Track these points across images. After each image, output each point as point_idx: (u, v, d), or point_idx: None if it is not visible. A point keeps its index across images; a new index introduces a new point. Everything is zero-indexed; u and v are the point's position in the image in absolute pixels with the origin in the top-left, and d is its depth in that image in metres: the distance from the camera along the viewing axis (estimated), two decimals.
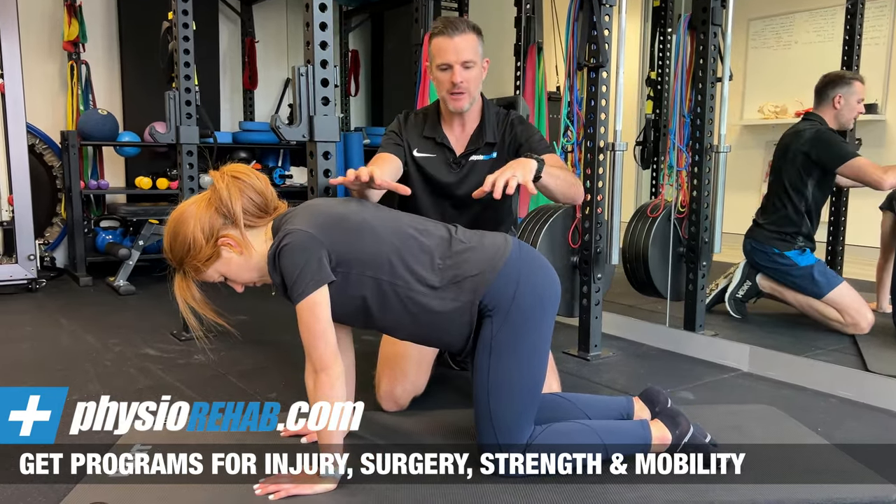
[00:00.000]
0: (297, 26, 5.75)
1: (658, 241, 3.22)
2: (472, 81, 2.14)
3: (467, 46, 2.10)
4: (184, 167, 3.04)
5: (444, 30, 2.10)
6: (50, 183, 4.80)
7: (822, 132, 3.06)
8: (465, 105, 2.17)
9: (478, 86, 2.18)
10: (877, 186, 2.94)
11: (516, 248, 1.68)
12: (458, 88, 2.13)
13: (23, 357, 2.80)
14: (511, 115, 2.27)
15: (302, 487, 1.57)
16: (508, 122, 2.25)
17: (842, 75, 3.16)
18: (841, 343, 2.96)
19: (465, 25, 2.11)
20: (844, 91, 3.10)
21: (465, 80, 2.12)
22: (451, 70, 2.11)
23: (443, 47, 2.11)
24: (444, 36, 2.10)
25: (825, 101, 3.14)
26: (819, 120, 3.14)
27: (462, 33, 2.09)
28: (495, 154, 2.24)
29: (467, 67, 2.12)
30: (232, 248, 1.61)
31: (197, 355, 2.81)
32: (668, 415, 1.78)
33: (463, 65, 2.11)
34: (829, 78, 3.16)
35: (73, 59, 4.67)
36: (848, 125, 3.21)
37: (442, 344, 1.72)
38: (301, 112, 2.13)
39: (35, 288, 4.14)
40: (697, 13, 3.00)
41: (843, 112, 3.13)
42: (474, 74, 2.14)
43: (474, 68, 2.13)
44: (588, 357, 2.84)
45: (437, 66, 2.14)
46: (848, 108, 3.12)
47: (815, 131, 3.07)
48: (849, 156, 2.98)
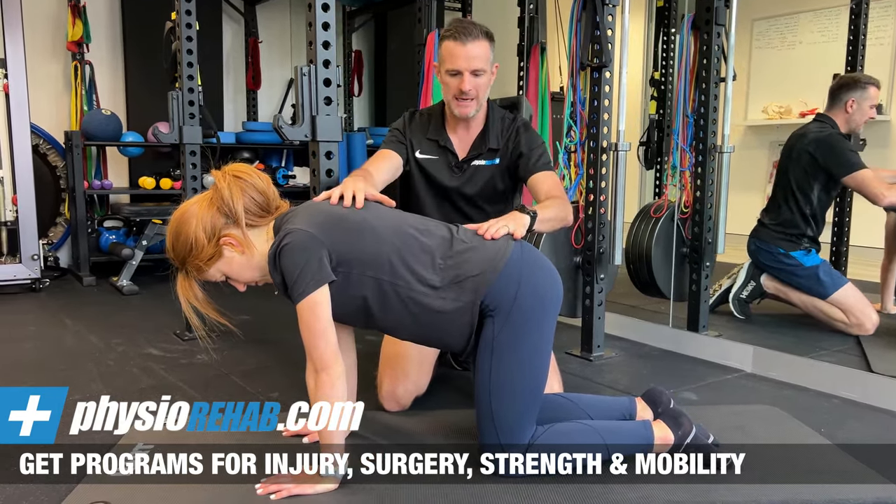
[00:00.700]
0: (301, 27, 5.74)
1: (661, 241, 3.21)
2: (481, 89, 2.13)
3: (479, 54, 2.07)
4: (187, 167, 3.05)
5: (456, 34, 2.06)
6: (54, 183, 4.81)
7: (830, 136, 3.04)
8: (472, 112, 2.16)
9: (486, 93, 2.17)
10: (874, 201, 2.95)
11: (518, 249, 1.68)
12: (466, 96, 2.11)
13: (26, 357, 2.81)
14: (518, 122, 2.26)
15: (303, 487, 1.57)
16: (514, 128, 2.24)
17: (857, 79, 3.13)
18: (845, 344, 2.95)
19: (479, 31, 2.08)
20: (858, 96, 3.09)
21: (473, 88, 2.10)
22: (461, 77, 2.09)
23: (454, 53, 2.08)
24: (456, 41, 2.07)
25: (838, 104, 3.13)
26: (830, 122, 3.12)
27: (475, 40, 2.06)
28: (497, 160, 2.23)
29: (477, 75, 2.10)
30: (234, 247, 1.61)
31: (200, 355, 2.81)
32: (671, 415, 1.77)
33: (473, 73, 2.09)
34: (844, 81, 3.14)
35: (77, 60, 4.68)
36: (858, 129, 3.20)
37: (443, 344, 1.71)
38: (303, 112, 2.13)
39: (38, 288, 4.15)
40: (701, 13, 3.00)
41: (855, 116, 3.12)
42: (483, 82, 2.12)
43: (483, 76, 2.12)
44: (591, 357, 2.83)
45: (447, 70, 2.11)
46: (860, 112, 3.11)
47: (824, 134, 3.05)
48: (855, 167, 2.97)
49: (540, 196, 2.11)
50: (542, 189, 2.11)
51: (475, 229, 1.73)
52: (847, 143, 3.07)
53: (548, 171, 2.17)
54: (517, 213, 1.81)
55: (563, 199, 2.07)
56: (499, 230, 1.70)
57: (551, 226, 1.95)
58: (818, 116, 3.20)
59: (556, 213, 1.96)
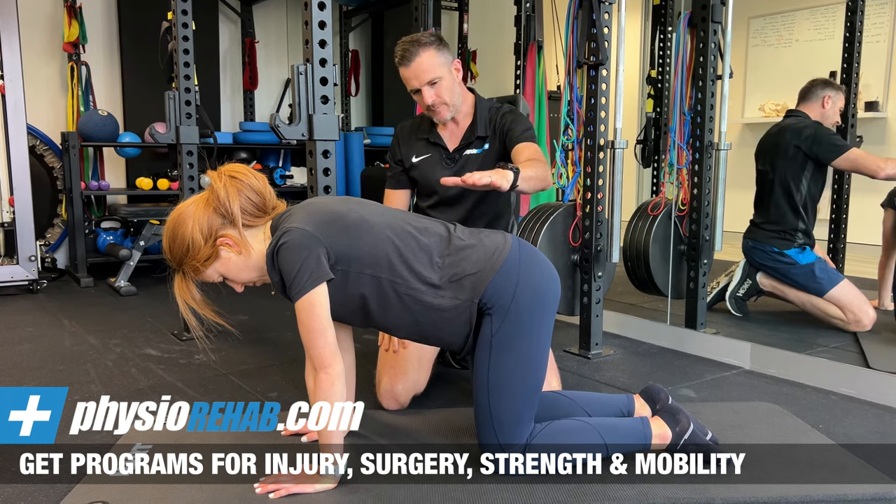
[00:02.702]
0: (298, 26, 5.75)
1: (659, 239, 3.22)
2: (445, 92, 2.21)
3: (426, 67, 2.16)
4: (184, 167, 3.05)
5: (401, 60, 2.17)
6: (51, 184, 4.81)
7: (811, 126, 3.07)
8: (447, 115, 2.25)
9: (453, 92, 2.23)
10: (873, 175, 2.95)
11: (516, 247, 1.68)
12: (433, 107, 2.21)
13: (24, 358, 2.80)
14: (503, 108, 2.32)
15: (302, 486, 1.57)
16: (500, 113, 2.30)
17: (831, 80, 3.20)
18: (842, 340, 2.96)
19: (418, 46, 2.15)
20: (834, 94, 3.12)
21: (436, 97, 2.19)
22: (420, 93, 2.19)
23: (405, 76, 2.20)
24: (402, 66, 2.18)
25: (813, 99, 3.15)
26: (804, 116, 3.14)
27: (416, 57, 2.15)
28: (487, 146, 2.29)
29: (433, 84, 2.18)
30: (230, 247, 1.61)
31: (198, 355, 2.81)
32: (669, 412, 1.77)
33: (429, 84, 2.17)
34: (818, 80, 3.19)
35: (74, 61, 4.68)
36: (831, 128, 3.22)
37: (442, 343, 1.71)
38: (300, 111, 2.13)
39: (36, 289, 4.15)
40: (697, 11, 3.00)
41: (829, 113, 3.15)
42: (444, 86, 2.20)
43: (441, 81, 2.19)
44: (589, 355, 2.83)
45: (410, 91, 2.22)
46: (833, 110, 3.15)
47: (808, 125, 3.07)
48: (843, 148, 2.99)
49: (520, 160, 2.13)
50: (523, 154, 2.15)
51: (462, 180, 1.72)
52: (830, 130, 3.09)
53: (531, 142, 2.20)
54: (501, 169, 1.82)
55: (543, 162, 2.11)
56: (482, 178, 1.70)
57: (532, 185, 1.96)
58: (791, 112, 3.22)
59: (538, 172, 1.99)
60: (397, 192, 2.40)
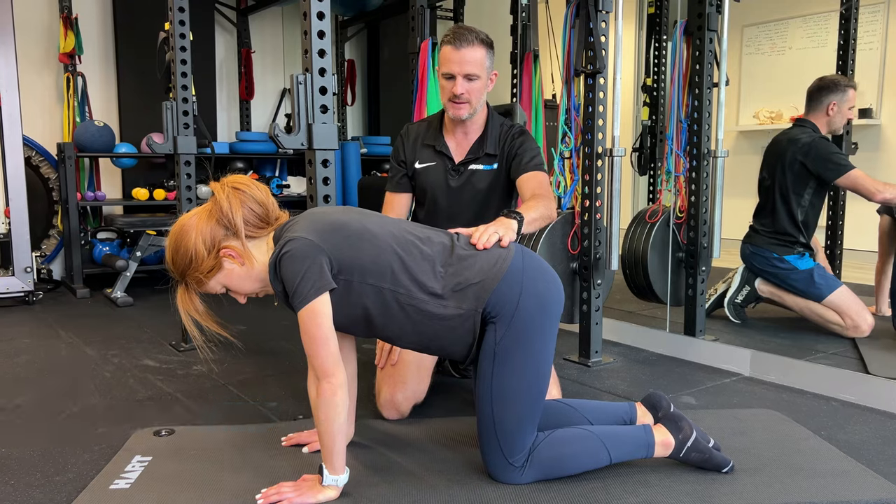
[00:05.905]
0: (294, 37, 5.77)
1: (657, 246, 3.23)
2: (475, 93, 2.18)
3: (473, 59, 2.12)
4: (181, 177, 3.04)
5: (453, 39, 2.13)
6: (46, 195, 4.80)
7: (818, 143, 3.07)
8: (465, 114, 2.21)
9: (480, 97, 2.21)
10: (869, 197, 2.99)
11: (519, 255, 1.68)
12: (458, 99, 2.17)
13: (21, 370, 2.78)
14: (515, 128, 2.30)
15: (304, 497, 1.56)
16: (512, 133, 2.28)
17: (837, 82, 3.16)
18: (841, 346, 2.97)
19: (475, 37, 2.13)
20: (839, 98, 3.13)
21: (466, 92, 2.16)
22: (454, 80, 2.15)
23: (449, 57, 2.14)
24: (452, 46, 2.13)
25: (818, 107, 3.16)
26: (811, 126, 3.16)
27: (469, 45, 2.12)
28: (496, 165, 2.27)
29: (470, 79, 2.15)
30: (233, 259, 1.60)
31: (196, 365, 2.80)
32: (671, 419, 1.77)
33: (466, 77, 2.14)
34: (825, 83, 3.17)
35: (70, 71, 4.68)
36: (838, 131, 3.24)
37: (445, 352, 1.70)
38: (299, 120, 2.13)
39: (32, 300, 4.13)
40: (693, 19, 3.02)
41: (835, 119, 3.16)
42: (477, 87, 2.17)
43: (478, 81, 2.16)
44: (589, 363, 2.83)
45: (443, 73, 2.18)
46: (840, 115, 3.15)
47: (812, 141, 3.07)
48: (845, 168, 3.01)
49: (525, 194, 2.14)
50: (527, 187, 2.15)
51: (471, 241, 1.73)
52: (833, 146, 3.10)
53: (537, 171, 2.20)
54: (504, 219, 1.82)
55: (548, 196, 2.11)
56: (490, 238, 1.70)
57: (537, 225, 1.98)
58: (799, 121, 3.23)
59: (542, 212, 1.99)
60: (399, 196, 2.37)
